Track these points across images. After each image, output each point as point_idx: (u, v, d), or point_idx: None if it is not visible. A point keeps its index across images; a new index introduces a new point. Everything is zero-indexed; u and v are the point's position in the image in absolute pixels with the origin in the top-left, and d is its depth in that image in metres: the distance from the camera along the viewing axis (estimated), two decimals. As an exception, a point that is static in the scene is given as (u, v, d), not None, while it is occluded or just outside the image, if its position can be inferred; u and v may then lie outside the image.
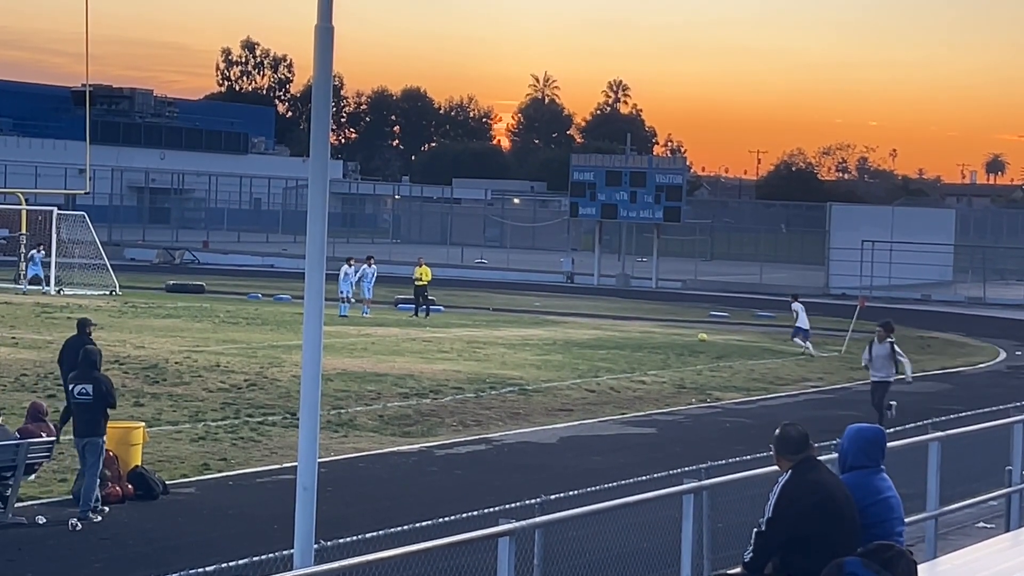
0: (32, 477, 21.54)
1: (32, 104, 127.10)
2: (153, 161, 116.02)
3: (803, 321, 47.79)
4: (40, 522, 20.17)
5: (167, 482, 22.65)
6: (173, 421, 28.83)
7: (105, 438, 20.97)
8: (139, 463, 22.10)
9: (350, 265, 54.39)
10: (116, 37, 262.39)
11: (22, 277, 62.41)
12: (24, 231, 65.35)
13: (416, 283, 56.45)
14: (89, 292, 59.57)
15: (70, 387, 21.54)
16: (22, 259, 63.57)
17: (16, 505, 20.41)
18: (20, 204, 69.19)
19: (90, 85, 73.25)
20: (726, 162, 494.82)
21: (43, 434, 21.45)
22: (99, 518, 20.15)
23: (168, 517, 21.16)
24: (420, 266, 56.12)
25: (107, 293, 59.70)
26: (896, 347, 31.61)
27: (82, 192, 70.63)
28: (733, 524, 15.10)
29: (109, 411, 21.19)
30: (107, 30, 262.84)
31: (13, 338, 41.78)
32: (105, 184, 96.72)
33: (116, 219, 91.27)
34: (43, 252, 60.53)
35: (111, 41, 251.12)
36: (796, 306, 48.47)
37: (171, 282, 66.42)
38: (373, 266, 56.14)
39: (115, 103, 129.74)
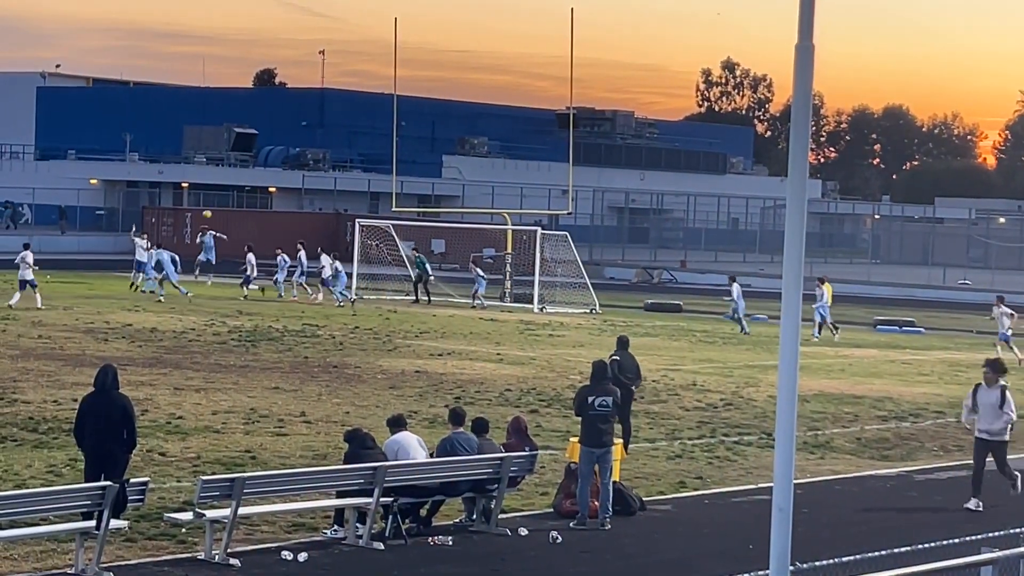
0: (515, 490, 22.01)
1: (517, 127, 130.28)
2: (633, 182, 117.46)
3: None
4: (522, 534, 20.54)
5: (644, 498, 22.84)
6: (650, 438, 29.03)
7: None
8: (617, 479, 22.32)
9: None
10: (597, 60, 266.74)
11: (507, 295, 63.93)
12: (510, 250, 66.89)
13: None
14: (570, 310, 60.41)
15: (591, 399, 21.82)
16: (507, 278, 65.22)
17: (499, 516, 20.89)
18: (506, 224, 70.80)
19: (573, 108, 74.79)
20: None
21: (525, 448, 21.91)
22: (609, 525, 20.61)
23: (645, 533, 21.29)
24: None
25: (587, 311, 60.56)
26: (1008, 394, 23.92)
27: (565, 212, 72.16)
28: None
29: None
30: (589, 53, 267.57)
31: (498, 354, 42.78)
32: (586, 204, 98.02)
33: (596, 239, 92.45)
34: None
35: (593, 64, 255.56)
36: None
37: (649, 301, 67.11)
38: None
39: (597, 125, 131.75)
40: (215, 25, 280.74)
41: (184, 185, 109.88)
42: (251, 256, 60.77)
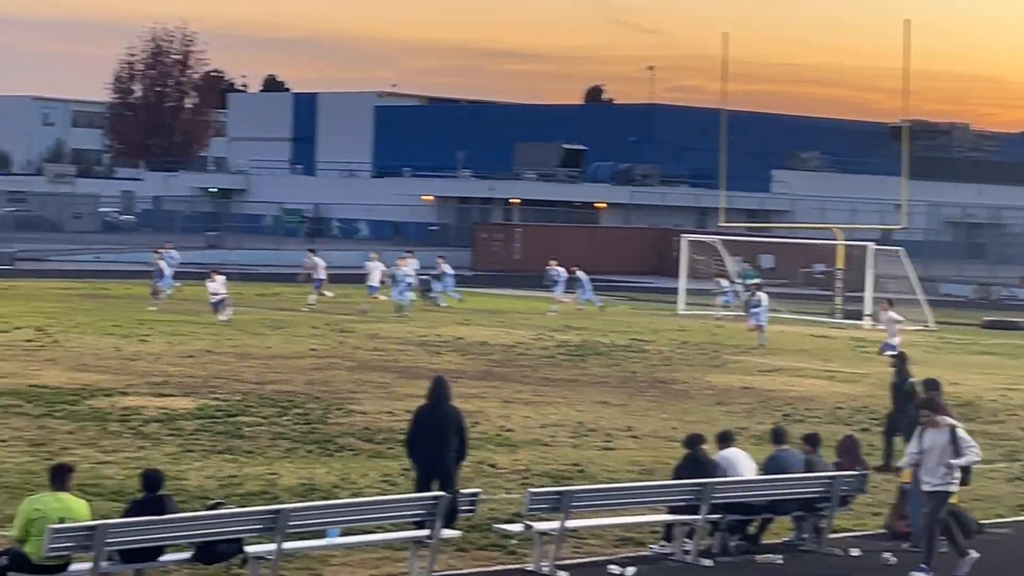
0: (846, 509, 21.80)
1: (849, 140, 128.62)
2: (970, 196, 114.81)
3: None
4: (853, 554, 20.33)
5: (981, 521, 22.37)
6: (988, 460, 28.38)
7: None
8: (953, 501, 21.92)
9: None
10: (931, 72, 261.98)
11: (837, 311, 63.31)
12: (840, 266, 66.19)
13: None
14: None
15: None
16: (838, 294, 64.58)
17: (830, 536, 20.74)
18: (836, 239, 70.02)
19: (907, 121, 73.57)
20: None
21: (856, 468, 21.72)
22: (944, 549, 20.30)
23: (981, 556, 20.89)
24: None
25: (921, 328, 59.61)
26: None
27: (898, 228, 70.99)
28: None
29: None
30: (922, 65, 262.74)
31: (828, 371, 42.35)
32: (920, 219, 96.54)
33: (931, 254, 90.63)
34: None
35: (926, 76, 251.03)
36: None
37: (987, 318, 65.68)
38: None
39: (932, 138, 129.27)
40: (545, 44, 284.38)
41: (514, 201, 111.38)
42: (563, 270, 61.51)
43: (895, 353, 29.07)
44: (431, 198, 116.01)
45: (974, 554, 18.95)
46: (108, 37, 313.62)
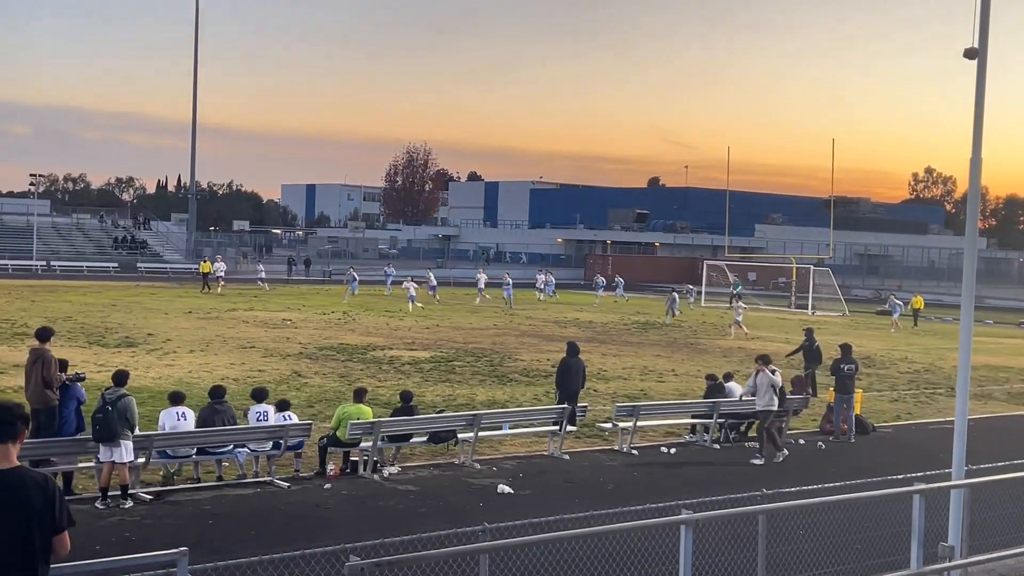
0: (797, 418, 21.42)
1: (799, 207, 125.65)
2: (869, 239, 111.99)
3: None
4: (800, 443, 20.05)
5: (875, 424, 21.87)
6: (878, 389, 27.77)
7: None
8: (858, 412, 21.40)
9: None
10: (847, 167, 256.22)
11: (792, 305, 62.26)
12: (794, 279, 65.04)
13: None
14: None
15: (842, 365, 21.07)
16: (792, 294, 63.54)
17: (787, 432, 20.41)
18: (792, 264, 68.89)
19: (833, 196, 72.00)
20: None
21: (804, 394, 21.33)
22: (853, 440, 19.75)
23: (874, 446, 20.33)
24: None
25: (840, 315, 58.31)
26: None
27: (827, 257, 69.33)
28: None
29: None
30: (841, 163, 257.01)
31: (785, 339, 41.41)
32: (840, 252, 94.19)
33: (846, 273, 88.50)
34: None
35: (844, 170, 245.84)
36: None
37: (878, 309, 62.48)
38: None
39: (847, 206, 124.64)
40: (625, 153, 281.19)
41: (608, 242, 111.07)
42: (603, 279, 61.07)
43: (807, 328, 28.45)
44: (561, 240, 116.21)
45: (785, 452, 18.43)
46: (382, 151, 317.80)
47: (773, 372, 18.46)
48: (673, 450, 18.76)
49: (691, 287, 63.41)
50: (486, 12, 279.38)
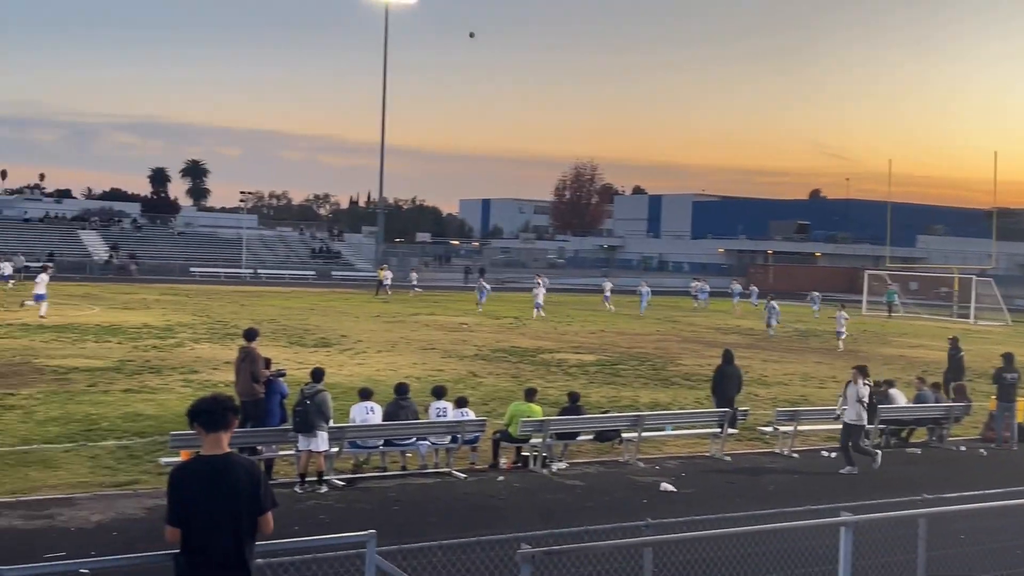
0: (959, 425, 20.41)
1: (961, 218, 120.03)
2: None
3: None
4: (961, 450, 19.07)
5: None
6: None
7: None
8: (1021, 420, 20.21)
9: None
10: (1009, 179, 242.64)
11: (953, 314, 59.34)
12: (956, 289, 62.08)
13: None
14: None
15: (1005, 375, 20.07)
16: (953, 304, 60.52)
17: (949, 439, 19.44)
18: (953, 274, 65.74)
19: (995, 207, 68.33)
20: None
21: (964, 402, 20.31)
22: (1015, 448, 18.72)
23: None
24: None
25: (1001, 324, 55.19)
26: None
27: (989, 267, 65.83)
28: None
29: None
30: (1002, 176, 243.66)
31: (942, 347, 39.62)
32: (1003, 262, 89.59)
33: (1008, 283, 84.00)
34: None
35: (1004, 182, 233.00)
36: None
37: (1044, 319, 60.03)
38: None
39: (1009, 216, 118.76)
40: (787, 167, 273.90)
41: (769, 252, 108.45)
42: (707, 286, 57.59)
43: (952, 337, 26.97)
44: (722, 250, 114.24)
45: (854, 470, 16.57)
46: (552, 167, 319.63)
47: (865, 385, 16.70)
48: (833, 454, 18.12)
49: (816, 294, 57.41)
50: (649, 34, 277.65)
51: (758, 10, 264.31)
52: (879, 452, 16.95)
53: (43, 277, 33.07)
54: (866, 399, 16.56)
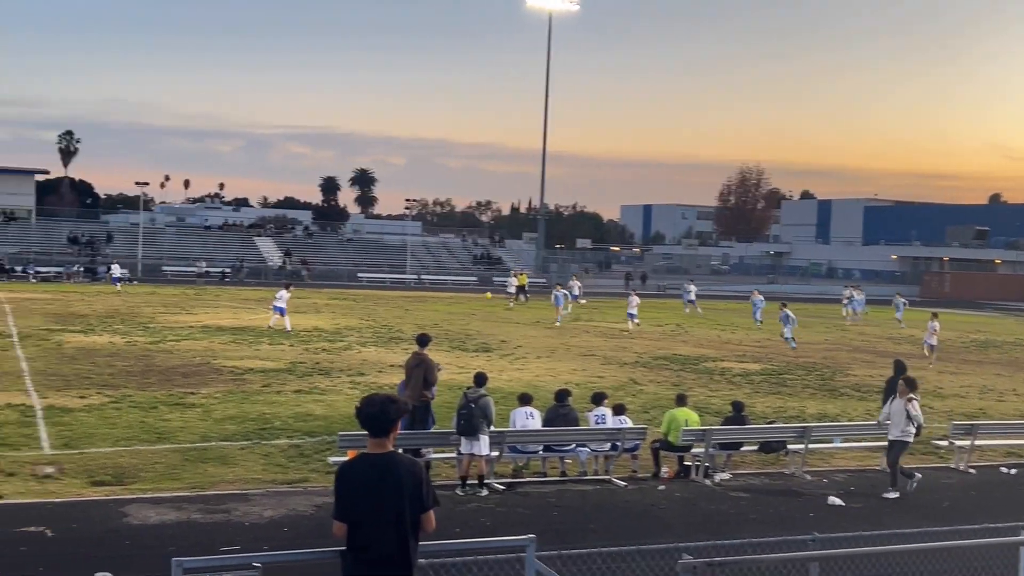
0: None
1: None
2: None
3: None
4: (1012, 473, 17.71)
5: None
6: None
7: None
8: None
9: None
10: None
11: None
12: None
13: None
14: None
15: None
16: None
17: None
18: None
19: None
20: None
21: None
22: None
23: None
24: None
25: None
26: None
27: None
28: None
29: None
30: None
31: None
32: None
33: None
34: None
35: None
36: None
37: None
38: None
39: None
40: (965, 171, 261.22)
41: (945, 259, 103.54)
42: (762, 298, 46.70)
43: None
44: (895, 257, 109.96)
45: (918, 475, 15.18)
46: (715, 172, 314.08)
47: (911, 400, 15.07)
48: (1014, 471, 17.15)
49: (902, 300, 51.17)
50: (816, 35, 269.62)
51: (930, 6, 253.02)
52: (917, 474, 15.24)
53: (283, 294, 36.33)
54: (916, 414, 15.03)
